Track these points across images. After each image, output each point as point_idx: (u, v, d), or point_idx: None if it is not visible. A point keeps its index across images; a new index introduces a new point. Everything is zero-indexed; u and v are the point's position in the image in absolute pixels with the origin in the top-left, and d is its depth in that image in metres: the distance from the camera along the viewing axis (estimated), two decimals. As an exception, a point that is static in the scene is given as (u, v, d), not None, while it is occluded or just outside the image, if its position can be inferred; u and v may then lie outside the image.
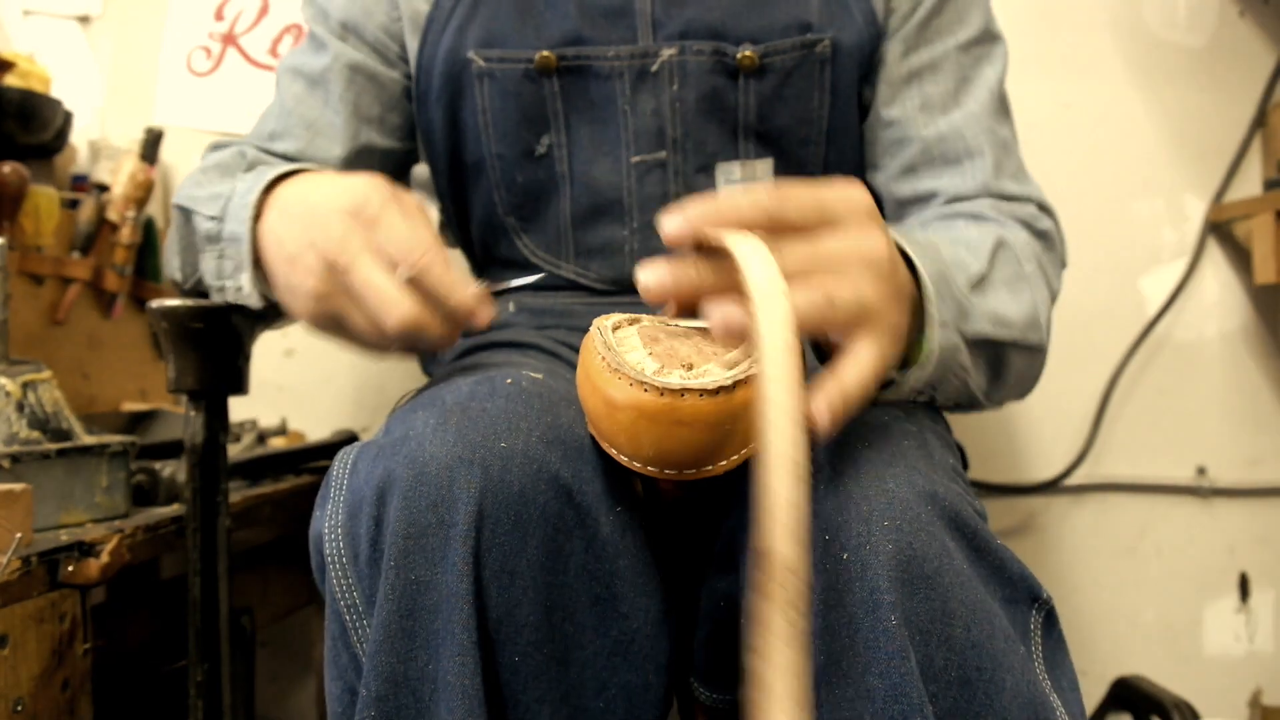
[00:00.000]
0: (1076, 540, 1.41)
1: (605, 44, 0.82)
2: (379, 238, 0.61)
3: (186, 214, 0.77)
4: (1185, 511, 1.40)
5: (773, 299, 0.45)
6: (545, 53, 0.81)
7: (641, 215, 0.84)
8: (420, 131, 0.89)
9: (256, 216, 0.69)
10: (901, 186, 0.85)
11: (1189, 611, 1.40)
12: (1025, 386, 0.78)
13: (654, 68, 0.81)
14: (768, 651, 0.40)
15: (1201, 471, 1.39)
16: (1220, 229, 1.38)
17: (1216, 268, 1.40)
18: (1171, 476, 1.40)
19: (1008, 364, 0.70)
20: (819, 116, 0.83)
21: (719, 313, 0.49)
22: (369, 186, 0.63)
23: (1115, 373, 1.39)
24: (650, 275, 0.51)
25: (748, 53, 0.80)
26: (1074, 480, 1.40)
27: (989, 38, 0.86)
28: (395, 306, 0.60)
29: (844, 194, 0.52)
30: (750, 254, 0.47)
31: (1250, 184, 1.37)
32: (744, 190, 0.53)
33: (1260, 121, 1.37)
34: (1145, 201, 1.40)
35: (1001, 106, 0.85)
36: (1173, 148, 1.40)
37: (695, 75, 0.81)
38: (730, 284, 0.49)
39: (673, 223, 0.50)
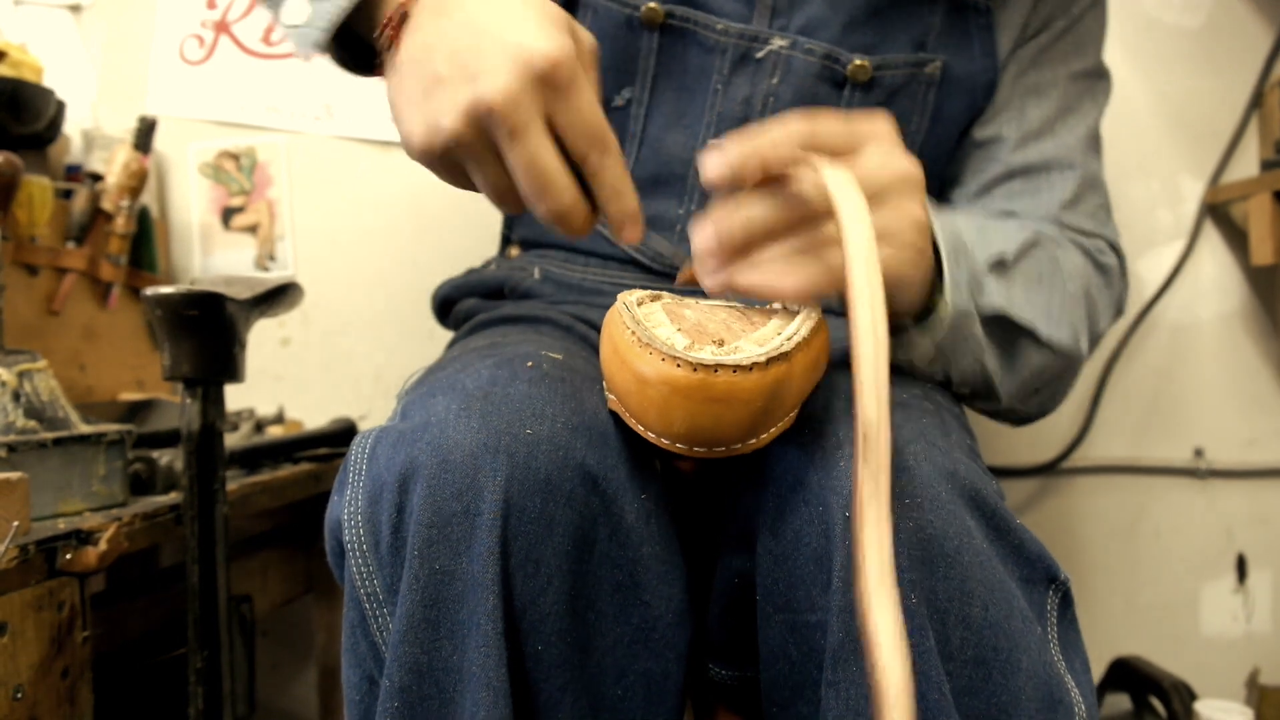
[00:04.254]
0: (1074, 522, 1.42)
1: (718, 14, 0.78)
2: (562, 111, 0.54)
3: None
4: (1183, 493, 1.40)
5: (856, 204, 0.48)
6: (655, 5, 0.77)
7: (702, 199, 0.81)
8: None
9: None
10: (974, 205, 0.83)
11: (1186, 592, 1.41)
12: (1046, 394, 0.76)
13: (759, 54, 0.78)
14: (863, 512, 0.43)
15: (1199, 453, 1.40)
16: (1217, 210, 1.38)
17: (1213, 249, 1.39)
18: (1169, 458, 1.40)
19: (1022, 353, 0.69)
20: (913, 142, 0.80)
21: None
22: (566, 45, 0.54)
23: (1112, 354, 1.39)
24: (714, 162, 0.51)
25: (862, 63, 0.77)
26: (1071, 462, 1.40)
27: (1098, 73, 0.85)
28: (562, 194, 0.55)
29: (871, 121, 0.55)
30: (831, 174, 0.49)
31: (1247, 165, 1.37)
32: (773, 122, 0.51)
33: (1257, 102, 1.36)
34: (1141, 183, 1.40)
35: (1095, 143, 0.84)
36: (1169, 129, 1.39)
37: (799, 75, 0.78)
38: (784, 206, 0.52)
39: (714, 162, 0.50)
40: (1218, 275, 1.39)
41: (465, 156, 0.56)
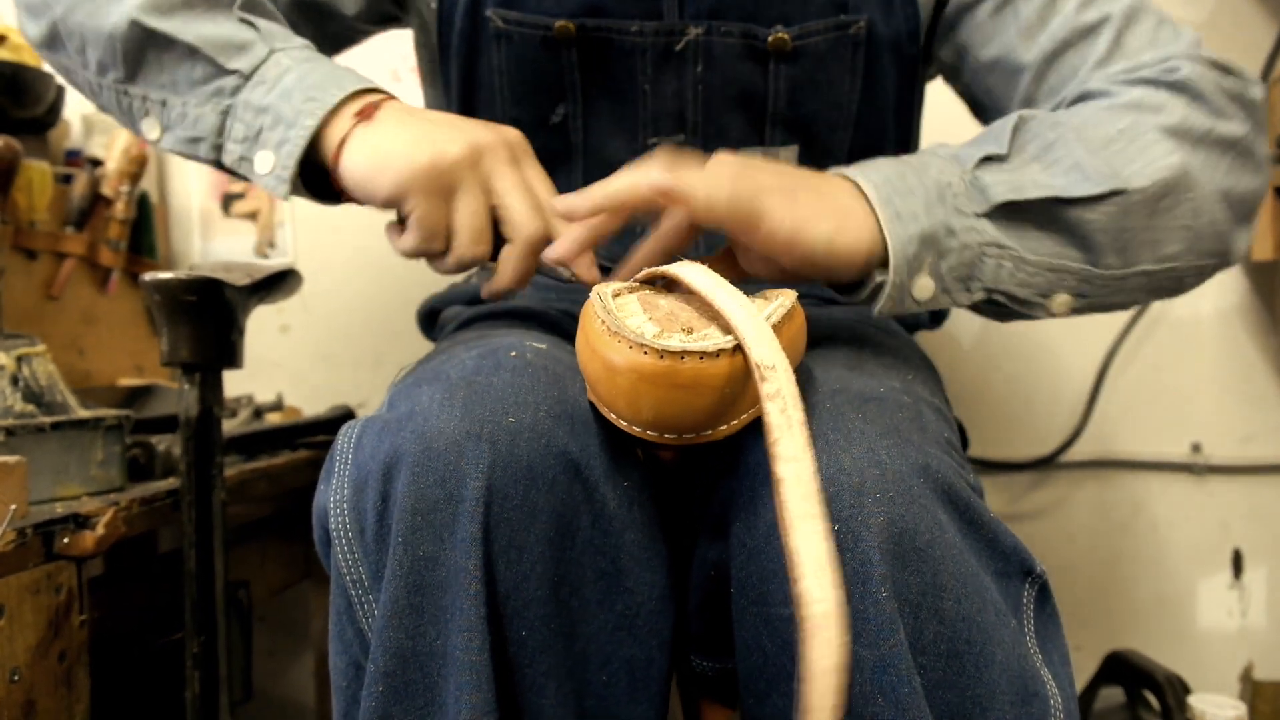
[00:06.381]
0: (1071, 516, 1.42)
1: (628, 17, 0.77)
2: (523, 171, 0.67)
3: (158, 38, 0.68)
4: (1180, 488, 1.40)
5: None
6: (564, 21, 0.77)
7: None
8: (440, 84, 0.87)
9: (335, 110, 0.66)
10: None
11: (1182, 587, 1.41)
12: (1162, 232, 0.65)
13: (678, 47, 0.77)
14: (778, 441, 0.44)
15: (1196, 448, 1.40)
16: (1218, 205, 1.38)
17: (1213, 244, 1.39)
18: (1166, 453, 1.40)
19: (1078, 222, 0.63)
20: (849, 102, 0.80)
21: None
22: (517, 132, 0.68)
23: (1111, 349, 1.39)
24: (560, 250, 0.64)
25: (781, 34, 0.76)
26: (1069, 457, 1.40)
27: None
28: (543, 212, 0.66)
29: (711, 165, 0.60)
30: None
31: (1248, 160, 1.37)
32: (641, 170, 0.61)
33: (1259, 97, 1.36)
34: (1143, 178, 1.40)
35: None
36: (1171, 124, 1.39)
37: (721, 58, 0.77)
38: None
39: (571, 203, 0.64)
40: (1218, 270, 1.39)
41: (458, 182, 0.65)
